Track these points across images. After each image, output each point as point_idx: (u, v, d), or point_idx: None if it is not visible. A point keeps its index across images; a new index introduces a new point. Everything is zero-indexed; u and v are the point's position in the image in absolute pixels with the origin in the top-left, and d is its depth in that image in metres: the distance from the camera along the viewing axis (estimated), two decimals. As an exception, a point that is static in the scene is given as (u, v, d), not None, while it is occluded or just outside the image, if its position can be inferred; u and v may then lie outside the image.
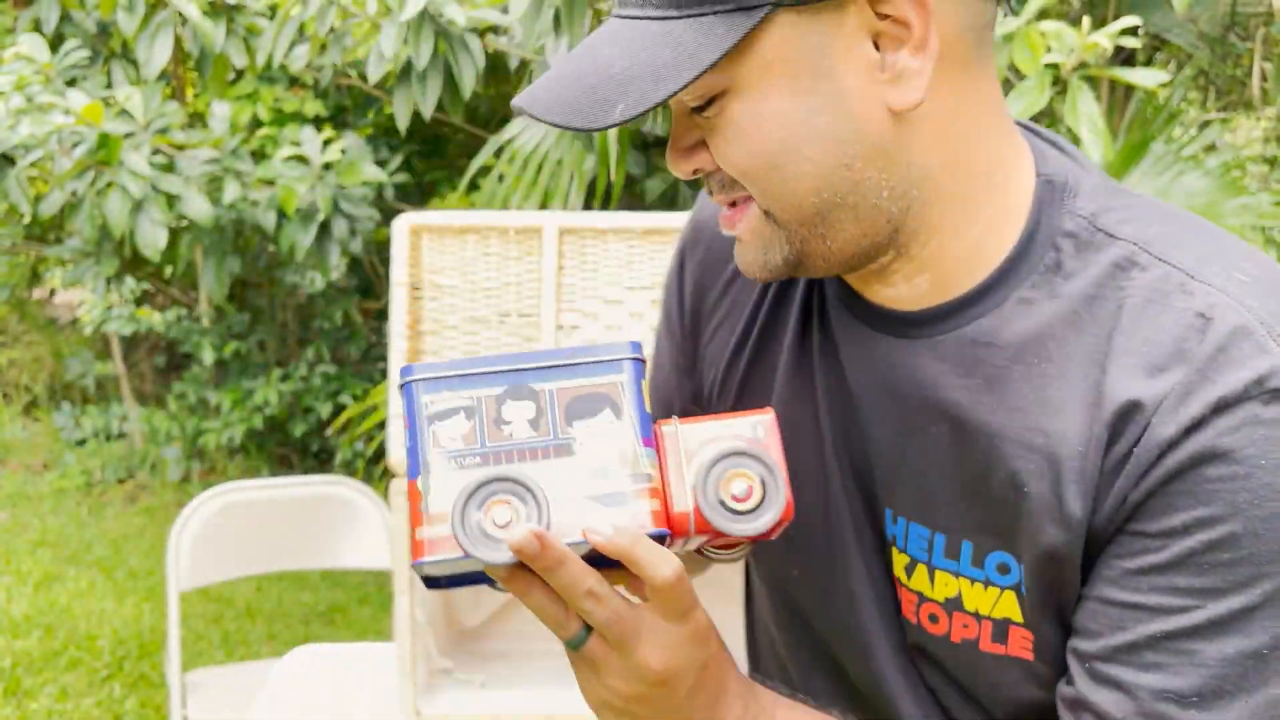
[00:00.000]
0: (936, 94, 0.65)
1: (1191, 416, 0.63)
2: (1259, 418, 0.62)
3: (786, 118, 0.66)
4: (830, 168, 0.66)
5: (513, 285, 1.57)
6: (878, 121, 0.65)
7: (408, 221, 1.56)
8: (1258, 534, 0.62)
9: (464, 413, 0.66)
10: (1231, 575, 0.63)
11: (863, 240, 0.69)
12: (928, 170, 0.68)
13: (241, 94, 4.06)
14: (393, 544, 1.54)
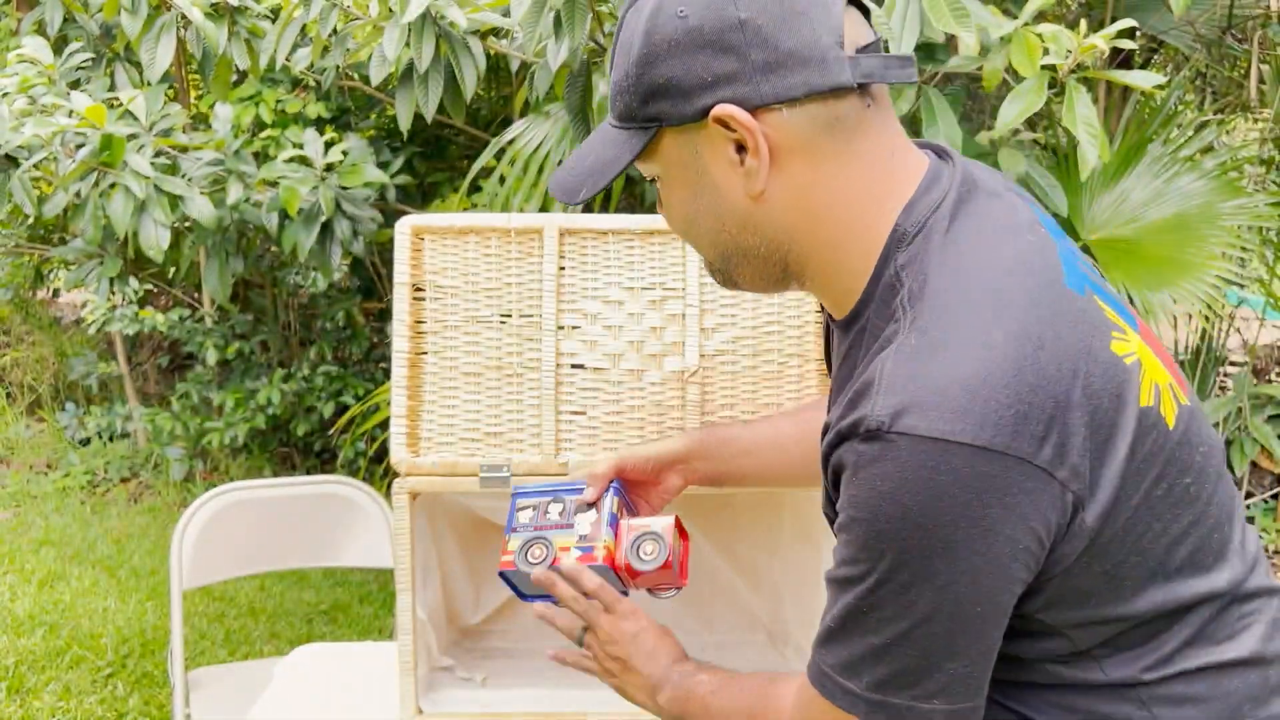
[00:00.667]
0: (780, 182, 0.92)
1: (828, 441, 0.93)
2: (856, 449, 0.88)
3: (685, 200, 0.98)
4: (716, 232, 0.98)
5: (514, 286, 1.58)
6: (741, 202, 0.94)
7: (409, 223, 1.57)
8: (858, 529, 0.91)
9: (531, 509, 1.35)
10: (847, 551, 0.94)
11: (763, 276, 1.00)
12: (787, 232, 0.95)
13: (244, 96, 4.07)
14: (393, 543, 1.55)
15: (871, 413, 0.86)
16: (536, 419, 1.56)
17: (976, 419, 0.83)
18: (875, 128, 0.92)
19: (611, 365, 1.57)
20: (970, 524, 0.84)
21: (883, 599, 0.90)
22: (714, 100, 0.89)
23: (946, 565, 0.86)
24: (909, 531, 0.86)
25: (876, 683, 0.92)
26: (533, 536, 1.30)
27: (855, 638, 0.93)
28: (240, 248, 4.26)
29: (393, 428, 1.53)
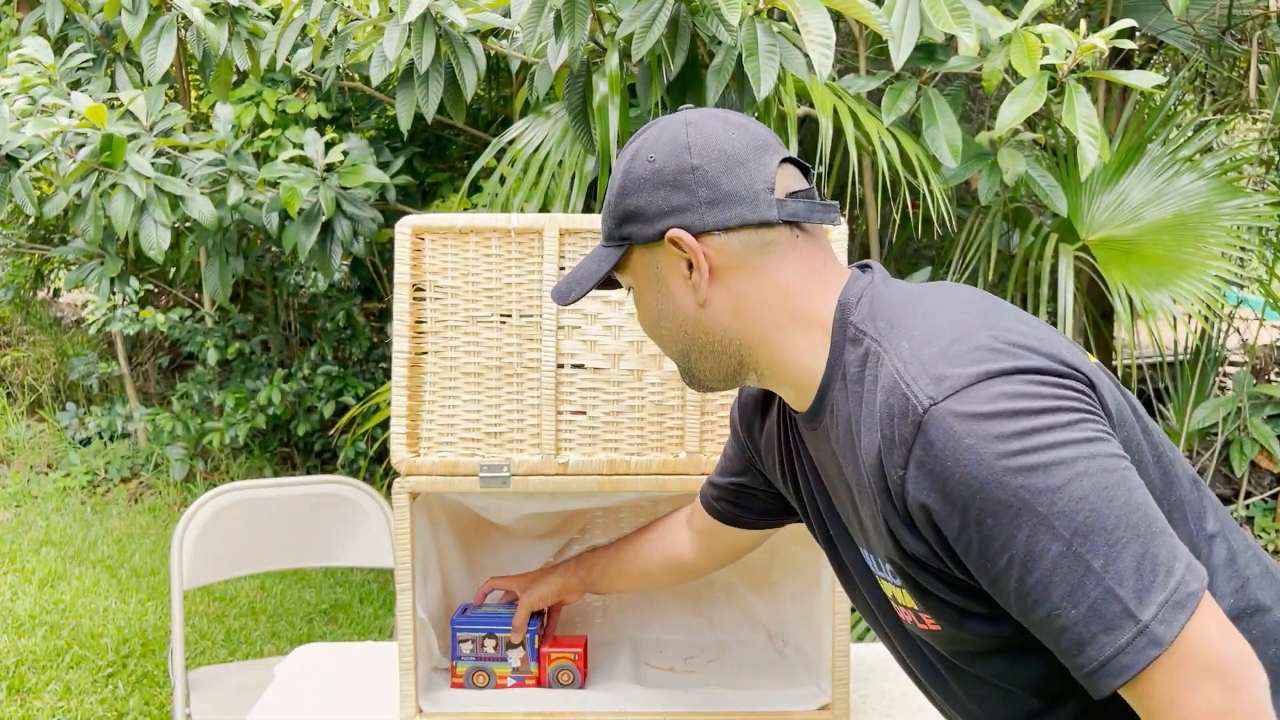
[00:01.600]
0: (720, 291, 1.11)
1: (896, 464, 0.97)
2: (929, 451, 0.94)
3: (649, 306, 1.17)
4: (675, 334, 1.16)
5: (514, 286, 1.58)
6: (692, 309, 1.13)
7: (410, 223, 1.57)
8: (977, 504, 0.92)
9: (470, 642, 1.66)
10: (985, 533, 0.93)
11: (720, 370, 1.16)
12: (735, 332, 1.12)
13: (245, 96, 4.08)
14: (394, 543, 1.55)
15: (913, 413, 0.95)
16: (536, 419, 1.56)
17: (993, 355, 0.95)
18: (805, 251, 1.11)
19: (611, 365, 1.57)
20: (1056, 422, 0.92)
21: (1057, 524, 0.91)
22: (668, 225, 1.10)
23: (1074, 460, 0.92)
24: (1024, 465, 0.91)
25: (1137, 597, 0.90)
26: (475, 666, 1.66)
27: (1084, 586, 0.91)
28: (241, 248, 4.26)
29: (393, 428, 1.54)
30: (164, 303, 5.44)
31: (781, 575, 1.82)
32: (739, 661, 1.77)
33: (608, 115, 2.75)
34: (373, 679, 1.75)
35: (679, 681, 1.69)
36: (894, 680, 1.75)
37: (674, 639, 1.85)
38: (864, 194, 3.32)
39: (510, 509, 1.71)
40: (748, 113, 3.12)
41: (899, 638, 1.18)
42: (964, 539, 0.95)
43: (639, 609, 1.88)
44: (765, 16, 2.57)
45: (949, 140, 2.74)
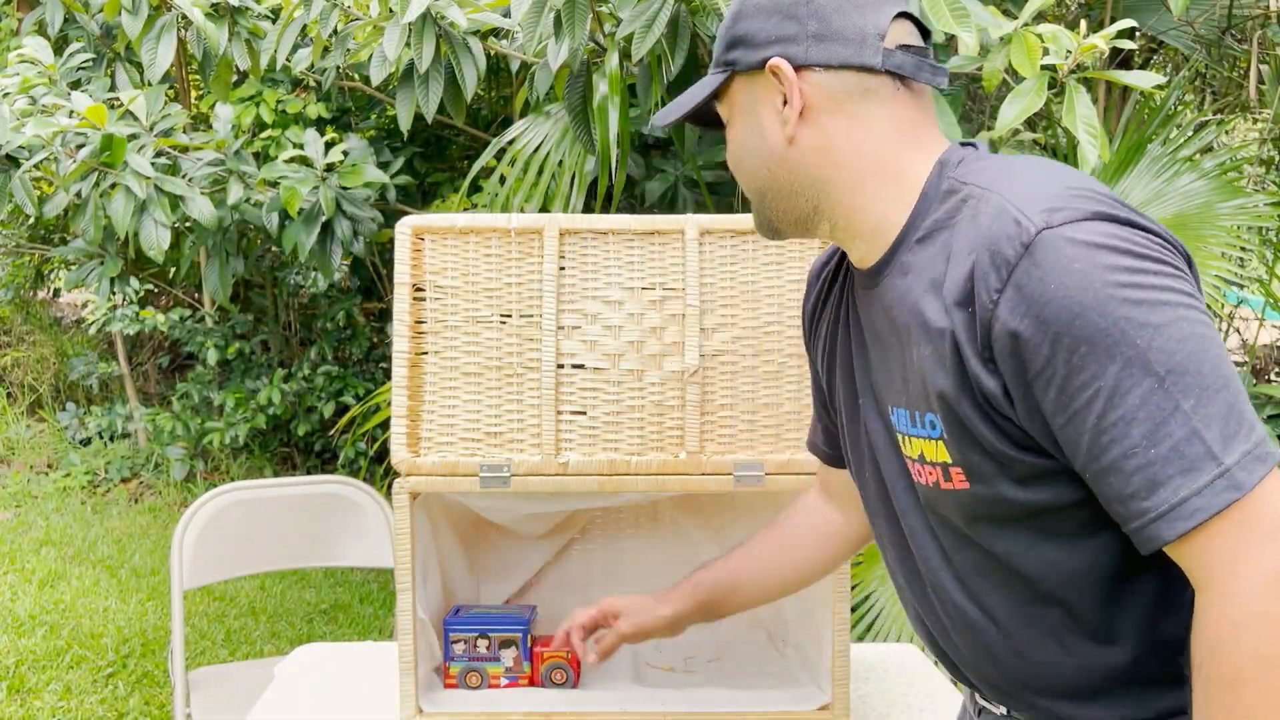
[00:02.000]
0: (809, 131, 1.09)
1: (992, 288, 0.94)
2: (1030, 274, 0.92)
3: (739, 139, 1.15)
4: (757, 170, 1.14)
5: (514, 286, 1.58)
6: (779, 145, 1.11)
7: (410, 223, 1.57)
8: (1074, 330, 0.91)
9: (462, 643, 1.66)
10: (1075, 362, 0.91)
11: (793, 212, 1.13)
12: (815, 176, 1.10)
13: (245, 96, 4.08)
14: (394, 543, 1.55)
15: (1025, 235, 0.93)
16: (536, 419, 1.56)
17: (1109, 203, 0.95)
18: (905, 107, 1.09)
19: (611, 365, 1.57)
20: (1164, 270, 0.92)
21: (1154, 360, 0.90)
22: (771, 54, 1.09)
23: (1176, 304, 0.91)
24: (1130, 298, 0.90)
25: (1222, 443, 0.88)
26: (468, 666, 1.66)
27: (1170, 423, 0.89)
28: (241, 248, 4.27)
29: (393, 428, 1.54)
30: (164, 303, 5.44)
31: (781, 575, 1.82)
32: (739, 661, 1.77)
33: (608, 115, 2.75)
34: (373, 679, 1.75)
35: (679, 681, 1.69)
36: (894, 680, 1.76)
37: (674, 639, 1.85)
38: (864, 194, 3.31)
39: (510, 509, 1.71)
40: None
41: (903, 524, 1.13)
42: (1049, 370, 0.92)
43: (639, 609, 1.88)
44: (765, 16, 2.57)
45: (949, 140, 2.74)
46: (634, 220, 1.59)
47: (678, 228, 1.58)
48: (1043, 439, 0.96)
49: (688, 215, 1.59)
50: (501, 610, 1.70)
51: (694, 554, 1.88)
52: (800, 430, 1.57)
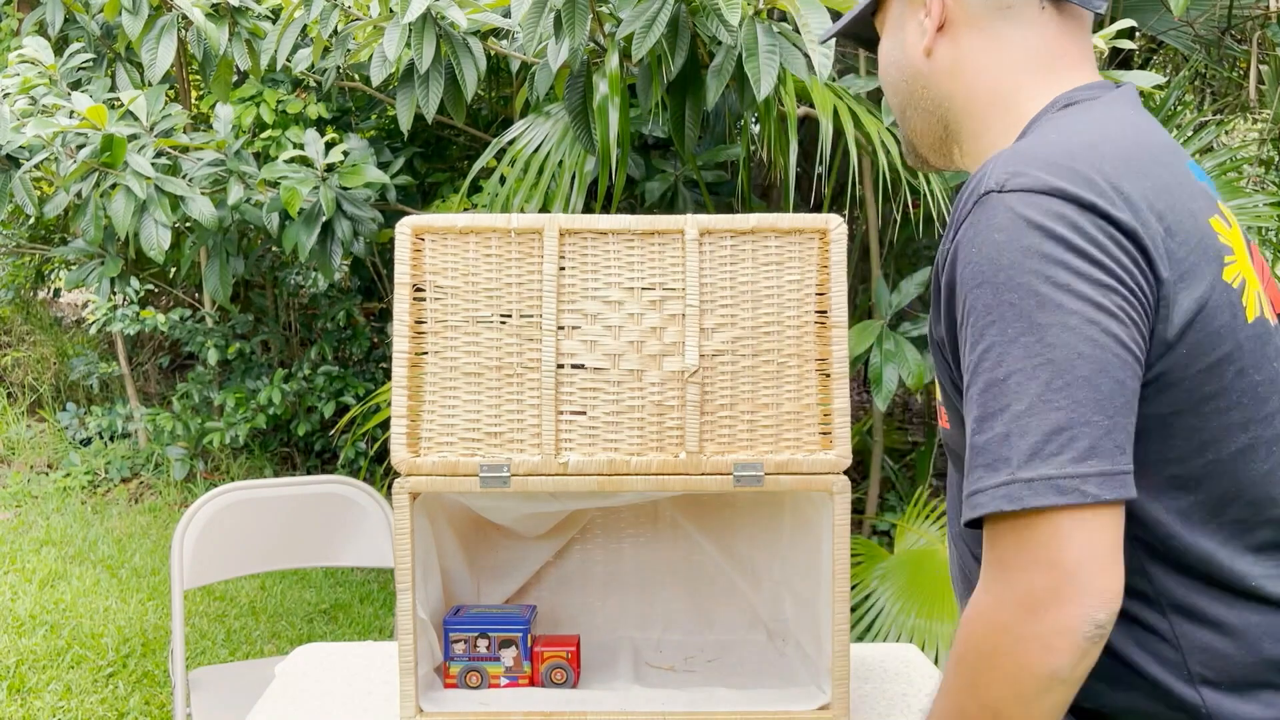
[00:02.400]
0: (947, 46, 1.10)
1: (949, 236, 0.98)
2: (971, 220, 0.94)
3: (886, 51, 1.17)
4: (898, 83, 1.16)
5: (514, 286, 1.58)
6: (917, 58, 1.12)
7: (410, 224, 1.58)
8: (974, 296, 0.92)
9: (462, 642, 1.66)
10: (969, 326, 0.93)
11: (929, 132, 1.15)
12: (945, 93, 1.11)
13: (245, 96, 4.08)
14: (394, 543, 1.56)
15: (979, 191, 0.95)
16: (536, 419, 1.56)
17: (1084, 182, 0.92)
18: (1049, 31, 1.07)
19: (611, 365, 1.58)
20: (1088, 275, 0.89)
21: (1014, 354, 0.89)
22: None
23: (1074, 312, 0.89)
24: (1027, 286, 0.89)
25: (1027, 455, 0.87)
26: (468, 666, 1.67)
27: (998, 418, 0.89)
28: (241, 248, 4.27)
29: (393, 428, 1.54)
30: (164, 303, 5.44)
31: (781, 575, 1.82)
32: (739, 661, 1.77)
33: (608, 115, 2.75)
34: (373, 679, 1.75)
35: (679, 681, 1.69)
36: (894, 680, 1.76)
37: (674, 639, 1.86)
38: (864, 194, 3.32)
39: (510, 509, 1.71)
40: (747, 113, 3.12)
41: None
42: (963, 326, 0.94)
43: (639, 608, 1.88)
44: (765, 17, 2.57)
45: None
46: (634, 220, 1.59)
47: (678, 228, 1.58)
48: None
49: (688, 215, 1.59)
50: (501, 610, 1.70)
51: (694, 554, 1.88)
52: (800, 430, 1.57)
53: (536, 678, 1.67)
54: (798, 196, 4.55)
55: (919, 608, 3.10)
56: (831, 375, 1.55)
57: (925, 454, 4.05)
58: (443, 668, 1.67)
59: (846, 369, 1.55)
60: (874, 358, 3.13)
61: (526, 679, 1.67)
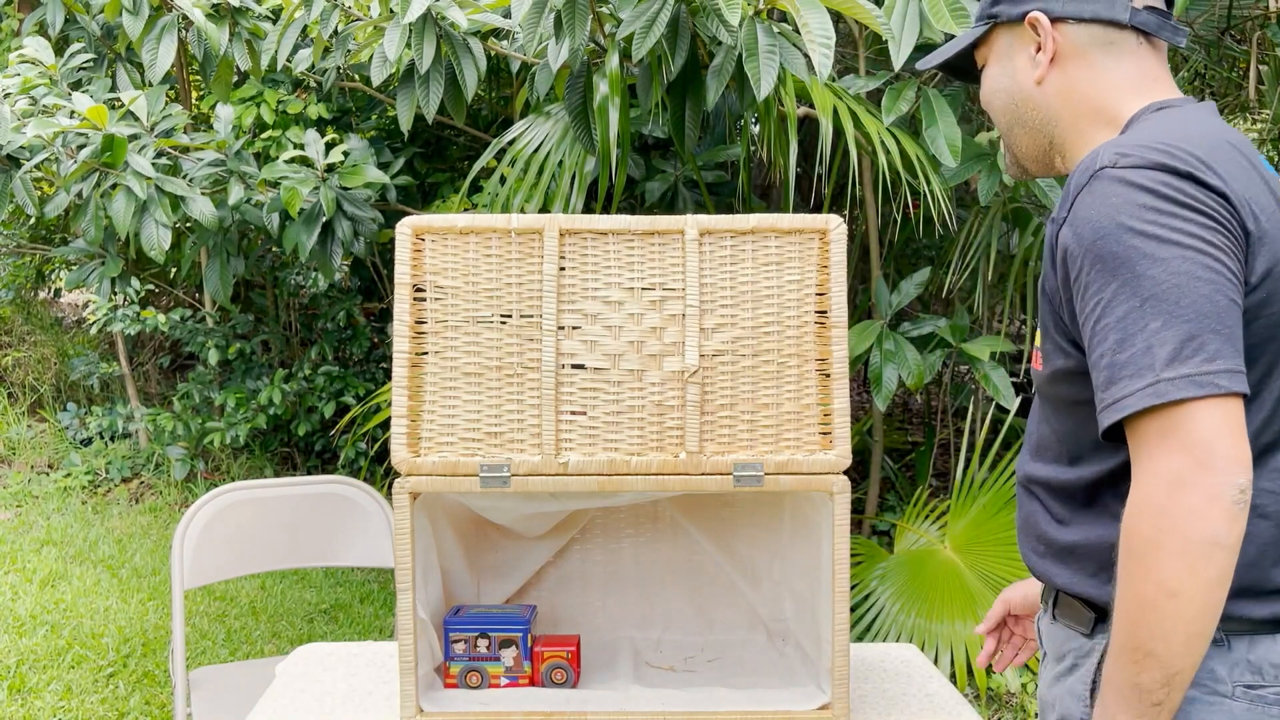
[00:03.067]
0: (1057, 75, 1.29)
1: (1065, 206, 1.17)
2: (1087, 191, 1.15)
3: (994, 79, 1.36)
4: (1006, 106, 1.35)
5: (514, 286, 1.58)
6: (1027, 85, 1.32)
7: (410, 224, 1.58)
8: (1096, 249, 1.12)
9: (462, 642, 1.67)
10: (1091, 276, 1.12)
11: (1034, 146, 1.34)
12: (1054, 114, 1.31)
13: (245, 97, 4.08)
14: (394, 543, 1.56)
15: (1093, 168, 1.14)
16: (537, 419, 1.56)
17: (1175, 157, 1.12)
18: (1144, 61, 1.28)
19: (611, 365, 1.58)
20: (1191, 218, 1.09)
21: (1144, 286, 1.09)
22: (1031, 9, 1.30)
23: (1185, 245, 1.09)
24: (1143, 231, 1.09)
25: (1166, 360, 1.07)
26: (468, 666, 1.67)
27: (1137, 337, 1.08)
28: (241, 248, 4.27)
29: (393, 428, 1.54)
30: (165, 303, 5.45)
31: (781, 575, 1.82)
32: (739, 661, 1.77)
33: (608, 115, 2.75)
34: (373, 679, 1.75)
35: (679, 681, 1.69)
36: (893, 680, 1.76)
37: (674, 639, 1.86)
38: (864, 194, 3.32)
39: (510, 509, 1.71)
40: (747, 113, 3.12)
41: None
42: (1080, 280, 1.13)
43: (639, 608, 1.88)
44: (765, 17, 2.57)
45: (949, 140, 2.74)
46: (634, 220, 1.59)
47: (678, 228, 1.58)
48: (1078, 336, 1.16)
49: (688, 215, 1.60)
50: (502, 610, 1.71)
51: (694, 554, 1.88)
52: (800, 430, 1.57)
53: (537, 678, 1.67)
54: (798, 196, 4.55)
55: (919, 608, 3.10)
56: (831, 375, 1.56)
57: (925, 454, 4.05)
58: (443, 668, 1.67)
59: (846, 369, 1.56)
60: (874, 358, 3.13)
61: (527, 679, 1.67)
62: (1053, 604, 1.30)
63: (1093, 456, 1.21)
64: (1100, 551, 1.20)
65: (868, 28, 2.80)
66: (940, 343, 3.25)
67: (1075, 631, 1.25)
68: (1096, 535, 1.21)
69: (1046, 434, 1.28)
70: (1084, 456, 1.22)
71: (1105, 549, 1.20)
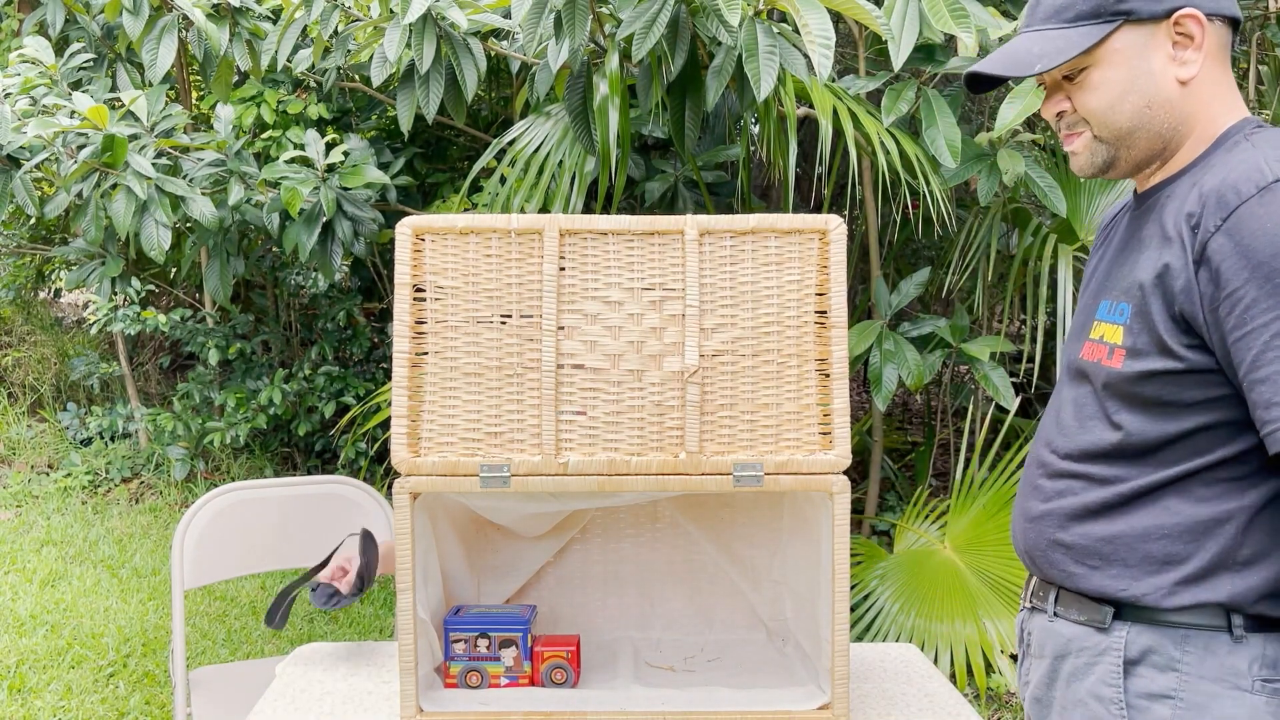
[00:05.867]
0: (1200, 74, 1.23)
1: (1219, 215, 1.14)
2: (1258, 202, 1.12)
3: (1119, 82, 1.25)
4: (1137, 111, 1.25)
5: (514, 286, 1.58)
6: (1169, 87, 1.24)
7: (410, 224, 1.58)
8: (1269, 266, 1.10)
9: (463, 642, 1.67)
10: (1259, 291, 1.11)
11: (1148, 152, 1.27)
12: (1187, 114, 1.25)
13: (246, 97, 4.08)
14: (395, 542, 1.56)
15: (1261, 179, 1.12)
16: (536, 419, 1.56)
17: None
18: (1228, 67, 1.27)
19: (611, 365, 1.58)
20: None
21: None
22: (1180, 4, 1.22)
23: None
24: None
25: None
26: (468, 666, 1.68)
27: None
28: (241, 248, 4.27)
29: (393, 428, 1.54)
30: (165, 303, 5.45)
31: (781, 575, 1.83)
32: (739, 661, 1.77)
33: (608, 115, 2.75)
34: (372, 679, 1.75)
35: (679, 681, 1.70)
36: (893, 680, 1.76)
37: (673, 638, 1.86)
38: (864, 194, 3.32)
39: (511, 509, 1.71)
40: (747, 114, 3.12)
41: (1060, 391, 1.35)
42: (1241, 291, 1.11)
43: (639, 608, 1.88)
44: (765, 17, 2.58)
45: (948, 141, 2.75)
46: (634, 221, 1.59)
47: (677, 228, 1.58)
48: (1213, 340, 1.15)
49: (687, 215, 1.60)
50: (502, 610, 1.71)
51: (694, 554, 1.88)
52: (799, 430, 1.57)
53: (537, 677, 1.67)
54: (797, 197, 4.55)
55: (918, 607, 3.10)
56: (831, 375, 1.56)
57: (925, 454, 4.05)
58: (443, 668, 1.68)
59: (846, 369, 1.56)
60: (874, 358, 3.13)
61: (527, 679, 1.67)
62: (1054, 600, 1.30)
63: (1168, 455, 1.20)
64: (1144, 543, 1.21)
65: (868, 28, 2.81)
66: (940, 343, 3.25)
67: (1088, 628, 1.25)
68: (1143, 528, 1.21)
69: (1104, 431, 1.25)
70: (1156, 454, 1.21)
71: (1151, 541, 1.21)
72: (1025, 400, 4.55)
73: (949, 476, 4.19)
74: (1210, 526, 1.19)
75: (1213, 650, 1.19)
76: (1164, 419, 1.20)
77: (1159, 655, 1.21)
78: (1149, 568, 1.21)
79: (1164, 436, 1.20)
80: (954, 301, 4.09)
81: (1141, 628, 1.22)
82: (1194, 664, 1.19)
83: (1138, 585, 1.21)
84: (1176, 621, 1.20)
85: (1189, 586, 1.19)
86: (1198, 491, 1.20)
